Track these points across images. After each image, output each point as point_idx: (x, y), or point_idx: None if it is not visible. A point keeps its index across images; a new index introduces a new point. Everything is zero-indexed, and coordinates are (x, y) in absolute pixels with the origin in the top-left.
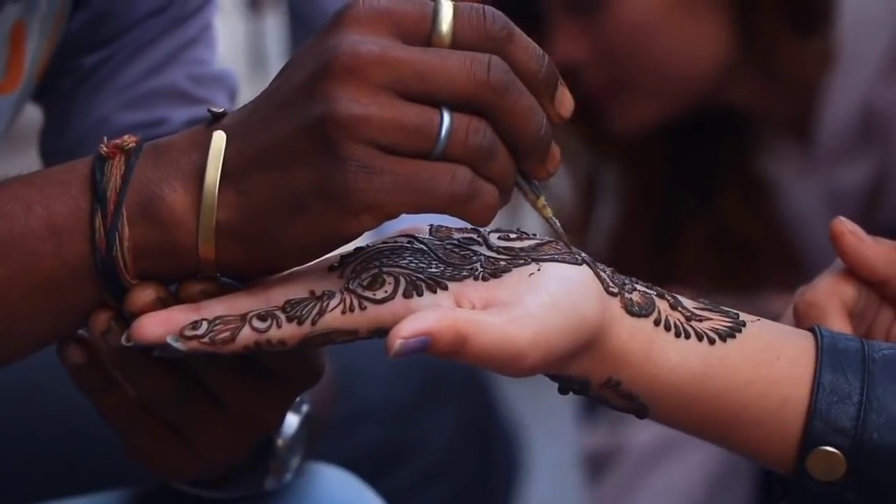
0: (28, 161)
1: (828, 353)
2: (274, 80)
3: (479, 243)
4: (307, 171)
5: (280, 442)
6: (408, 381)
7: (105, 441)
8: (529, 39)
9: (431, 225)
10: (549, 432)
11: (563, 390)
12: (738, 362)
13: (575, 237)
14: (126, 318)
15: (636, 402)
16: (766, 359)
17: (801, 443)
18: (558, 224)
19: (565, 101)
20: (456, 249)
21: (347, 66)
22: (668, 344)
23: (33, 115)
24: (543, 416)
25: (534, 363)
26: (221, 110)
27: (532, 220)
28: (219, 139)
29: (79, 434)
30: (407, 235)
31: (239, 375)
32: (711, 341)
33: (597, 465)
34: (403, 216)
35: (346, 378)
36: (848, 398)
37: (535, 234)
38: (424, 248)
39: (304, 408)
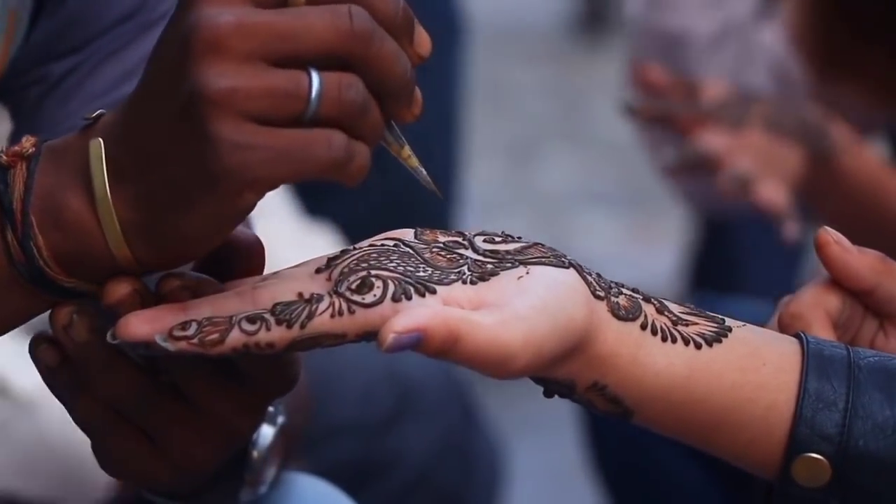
0: None
1: (814, 359)
2: (144, 70)
3: (464, 246)
4: (187, 159)
5: (255, 453)
6: (382, 397)
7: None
8: None
9: (416, 228)
10: (530, 441)
11: (547, 393)
12: (723, 367)
13: None
14: (87, 312)
15: (621, 406)
16: (751, 364)
17: (786, 449)
18: (424, 173)
19: (423, 41)
20: (442, 253)
21: (207, 41)
22: (655, 348)
23: None
24: (524, 425)
25: (523, 365)
26: (96, 113)
27: None
28: (95, 147)
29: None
30: (393, 238)
31: (212, 379)
32: (697, 346)
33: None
34: None
35: (319, 393)
36: (833, 405)
37: (519, 238)
38: (411, 251)
39: (280, 419)
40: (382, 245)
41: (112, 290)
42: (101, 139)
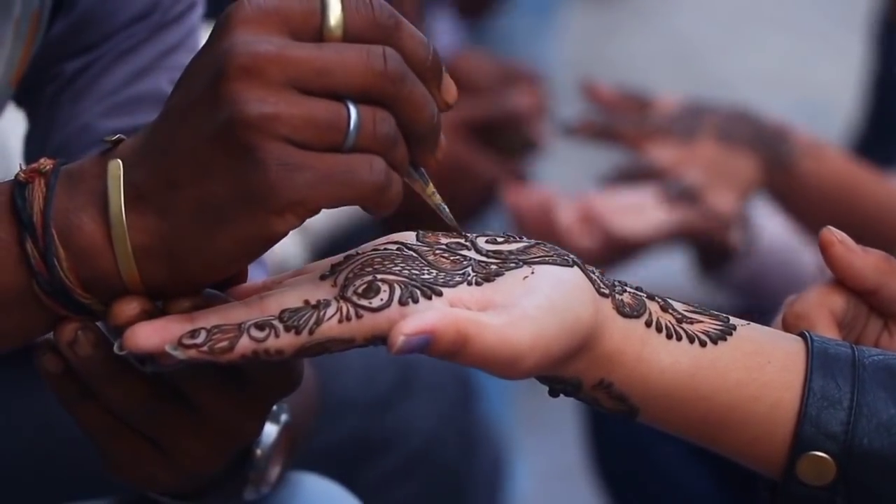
0: None
1: (818, 357)
2: (171, 95)
3: (467, 247)
4: (225, 180)
5: (259, 452)
6: (385, 373)
7: (82, 452)
8: (415, 27)
9: (418, 231)
10: (532, 441)
11: (553, 393)
12: (728, 365)
13: None
14: (92, 328)
15: (627, 404)
16: (756, 362)
17: (791, 447)
18: (447, 210)
19: (451, 88)
20: (445, 254)
21: (246, 67)
22: (660, 345)
23: None
24: (526, 424)
25: (532, 365)
26: (116, 137)
27: None
28: (115, 168)
29: (55, 445)
30: (395, 242)
31: (216, 383)
32: (702, 343)
33: None
34: None
35: (323, 371)
36: (838, 403)
37: (521, 237)
38: (414, 254)
39: (283, 417)
40: (385, 249)
41: (119, 309)
42: (119, 160)
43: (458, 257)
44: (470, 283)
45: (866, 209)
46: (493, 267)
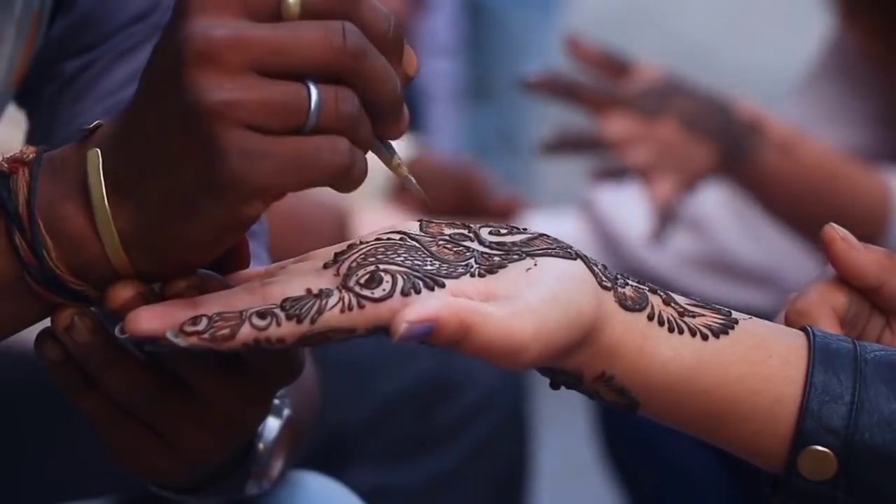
0: None
1: (820, 352)
2: (139, 82)
3: (470, 239)
4: (190, 169)
5: (261, 446)
6: None
7: (87, 447)
8: (375, 0)
9: (421, 221)
10: (544, 436)
11: (554, 385)
12: (730, 359)
13: None
14: (89, 314)
15: (628, 397)
16: (758, 356)
17: (793, 441)
18: (413, 181)
19: (412, 60)
20: (448, 245)
21: (202, 53)
22: (662, 339)
23: None
24: (538, 419)
25: (534, 357)
26: (94, 124)
27: None
28: (94, 157)
29: (60, 440)
30: (398, 231)
31: (216, 369)
32: (704, 337)
33: None
34: None
35: None
36: (840, 398)
37: (525, 229)
38: (417, 244)
39: (286, 412)
40: (389, 239)
41: (115, 293)
42: (98, 150)
43: (461, 248)
44: (473, 275)
45: (841, 203)
46: (496, 258)
